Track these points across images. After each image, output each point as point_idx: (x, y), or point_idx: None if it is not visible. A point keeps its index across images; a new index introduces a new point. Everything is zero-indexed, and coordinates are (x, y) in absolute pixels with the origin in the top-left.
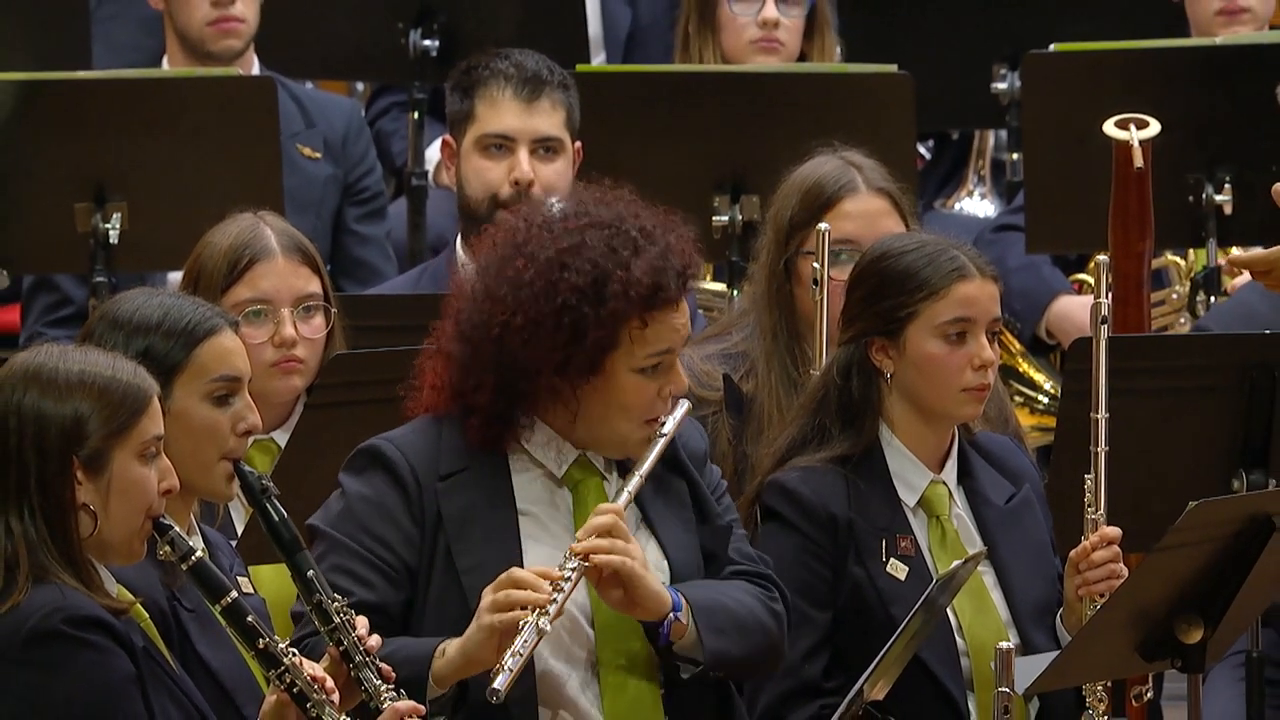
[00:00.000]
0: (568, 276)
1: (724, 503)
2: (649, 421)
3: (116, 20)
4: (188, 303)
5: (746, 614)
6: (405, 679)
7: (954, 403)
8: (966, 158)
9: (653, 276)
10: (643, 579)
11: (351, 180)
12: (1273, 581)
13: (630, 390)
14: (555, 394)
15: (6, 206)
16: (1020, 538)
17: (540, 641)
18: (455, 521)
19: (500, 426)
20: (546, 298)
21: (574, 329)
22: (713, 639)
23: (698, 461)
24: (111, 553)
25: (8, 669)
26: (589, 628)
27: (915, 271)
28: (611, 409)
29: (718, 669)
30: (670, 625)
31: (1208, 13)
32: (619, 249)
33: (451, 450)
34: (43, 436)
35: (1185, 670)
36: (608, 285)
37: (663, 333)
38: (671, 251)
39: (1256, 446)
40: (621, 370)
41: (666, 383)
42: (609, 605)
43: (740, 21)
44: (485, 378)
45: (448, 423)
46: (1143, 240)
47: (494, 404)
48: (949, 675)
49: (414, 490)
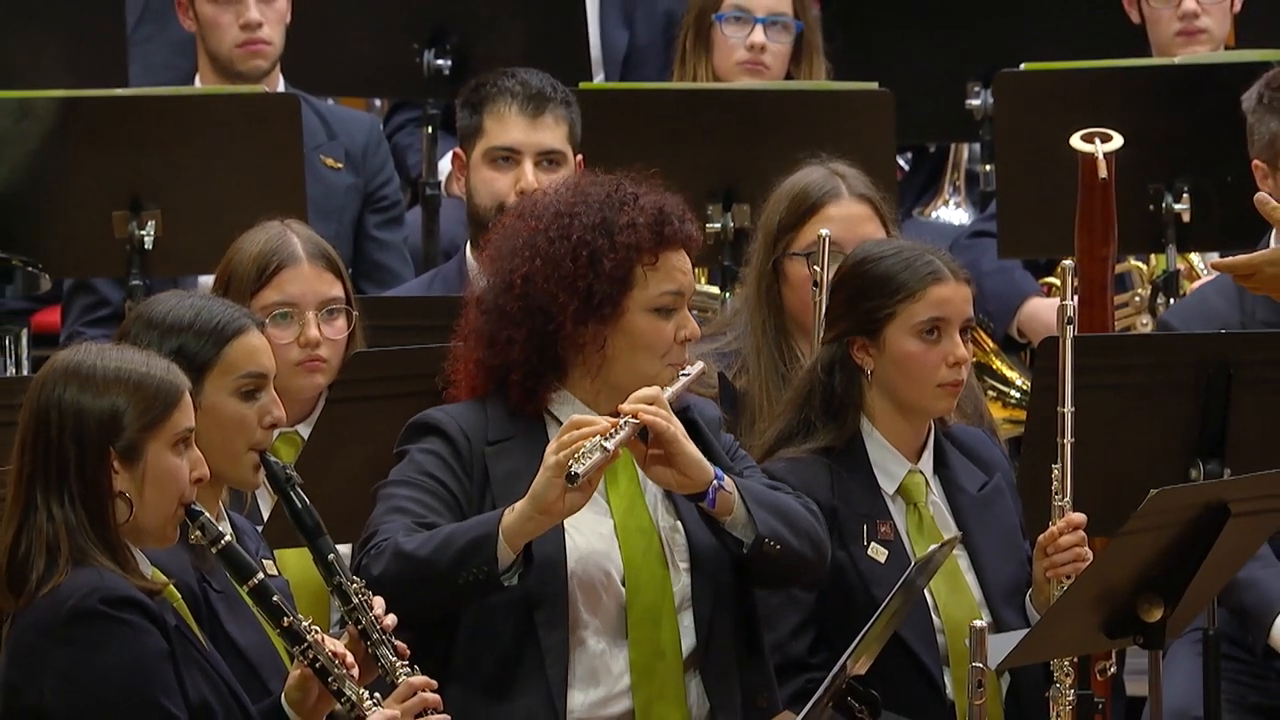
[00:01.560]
0: (578, 219)
1: (739, 455)
2: (672, 365)
3: (152, 42)
4: (217, 304)
5: (787, 502)
6: (475, 539)
7: (930, 397)
8: (942, 169)
9: (657, 214)
10: (684, 444)
11: (371, 190)
12: (1228, 564)
13: (649, 331)
14: (578, 349)
15: (48, 214)
16: (992, 523)
17: (607, 460)
18: (501, 482)
19: (536, 381)
20: (561, 239)
21: (590, 260)
22: (761, 513)
23: (713, 427)
24: (146, 537)
25: (49, 646)
26: (621, 585)
27: (894, 275)
28: (636, 351)
29: (773, 539)
30: (716, 493)
31: (1167, 34)
32: (619, 198)
33: (497, 421)
34: (82, 429)
35: (1146, 647)
36: (617, 220)
37: (672, 272)
38: (668, 202)
39: (1213, 438)
40: (637, 310)
41: (681, 325)
42: (654, 478)
43: (730, 43)
44: (516, 332)
45: (490, 400)
46: (1106, 246)
47: (528, 357)
48: (926, 652)
49: (466, 451)
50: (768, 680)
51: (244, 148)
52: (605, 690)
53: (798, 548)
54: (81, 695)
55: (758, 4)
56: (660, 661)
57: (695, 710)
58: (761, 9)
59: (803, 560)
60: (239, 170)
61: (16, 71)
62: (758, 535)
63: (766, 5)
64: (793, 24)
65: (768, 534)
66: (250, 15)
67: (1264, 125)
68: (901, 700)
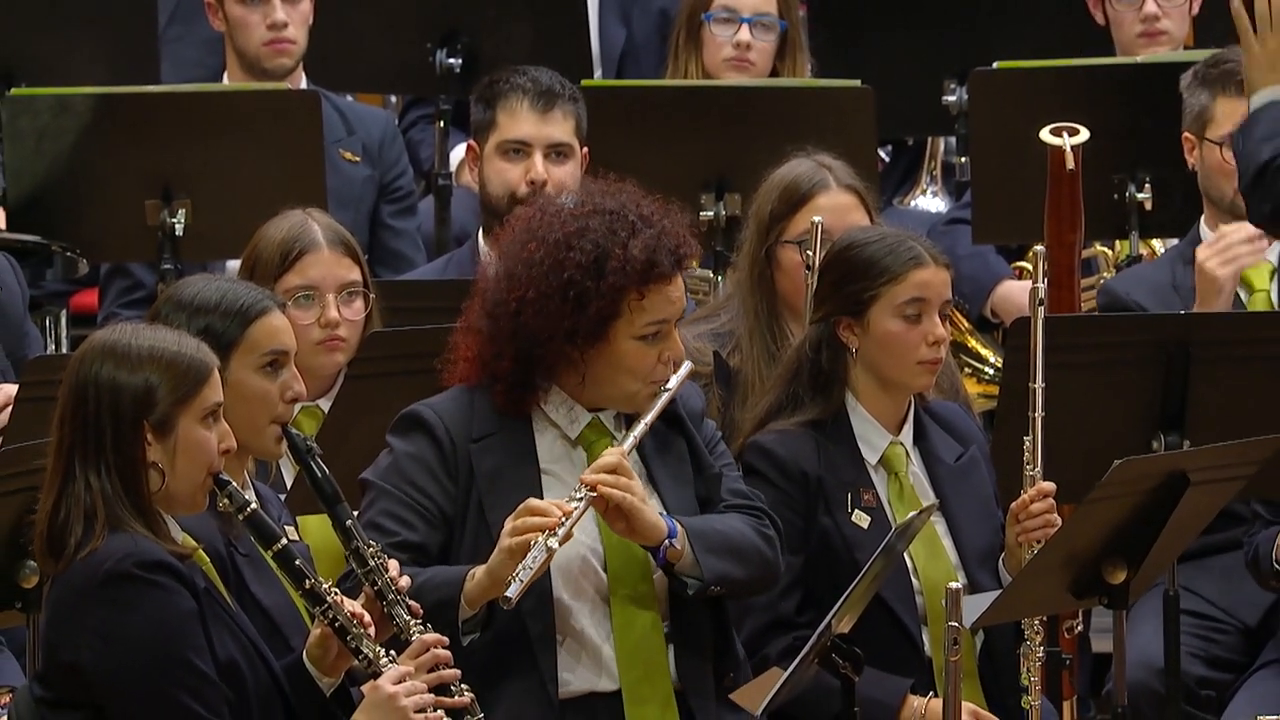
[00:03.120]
0: (573, 255)
1: (719, 450)
2: (653, 382)
3: (182, 41)
4: (241, 286)
5: (739, 536)
6: (441, 600)
7: (910, 374)
8: (921, 161)
9: (648, 254)
10: (641, 510)
11: (386, 181)
12: (1187, 529)
13: (632, 355)
14: (567, 360)
15: (85, 203)
16: (968, 492)
17: (549, 560)
18: (486, 478)
19: (521, 391)
20: (554, 274)
21: (578, 300)
22: (708, 558)
23: (695, 418)
24: (177, 504)
25: (86, 606)
26: (602, 570)
27: (877, 260)
28: (618, 372)
29: (717, 584)
30: (666, 549)
31: (1130, 35)
32: (618, 231)
33: (483, 416)
34: (118, 403)
35: (1111, 606)
36: (608, 262)
37: (659, 304)
38: (666, 234)
39: (1173, 412)
40: (623, 337)
41: (665, 349)
42: (614, 533)
43: (718, 41)
44: (506, 348)
45: (479, 392)
46: (1074, 232)
47: (514, 371)
48: (906, 611)
49: (450, 450)
50: (736, 661)
51: (268, 141)
52: (594, 670)
53: (743, 580)
54: (116, 652)
55: (744, 4)
56: (644, 641)
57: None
58: (747, 9)
59: (749, 587)
60: (264, 162)
61: (56, 69)
62: (704, 581)
63: (752, 5)
64: (777, 23)
65: (713, 580)
66: (277, 16)
67: (1195, 98)
68: (882, 657)
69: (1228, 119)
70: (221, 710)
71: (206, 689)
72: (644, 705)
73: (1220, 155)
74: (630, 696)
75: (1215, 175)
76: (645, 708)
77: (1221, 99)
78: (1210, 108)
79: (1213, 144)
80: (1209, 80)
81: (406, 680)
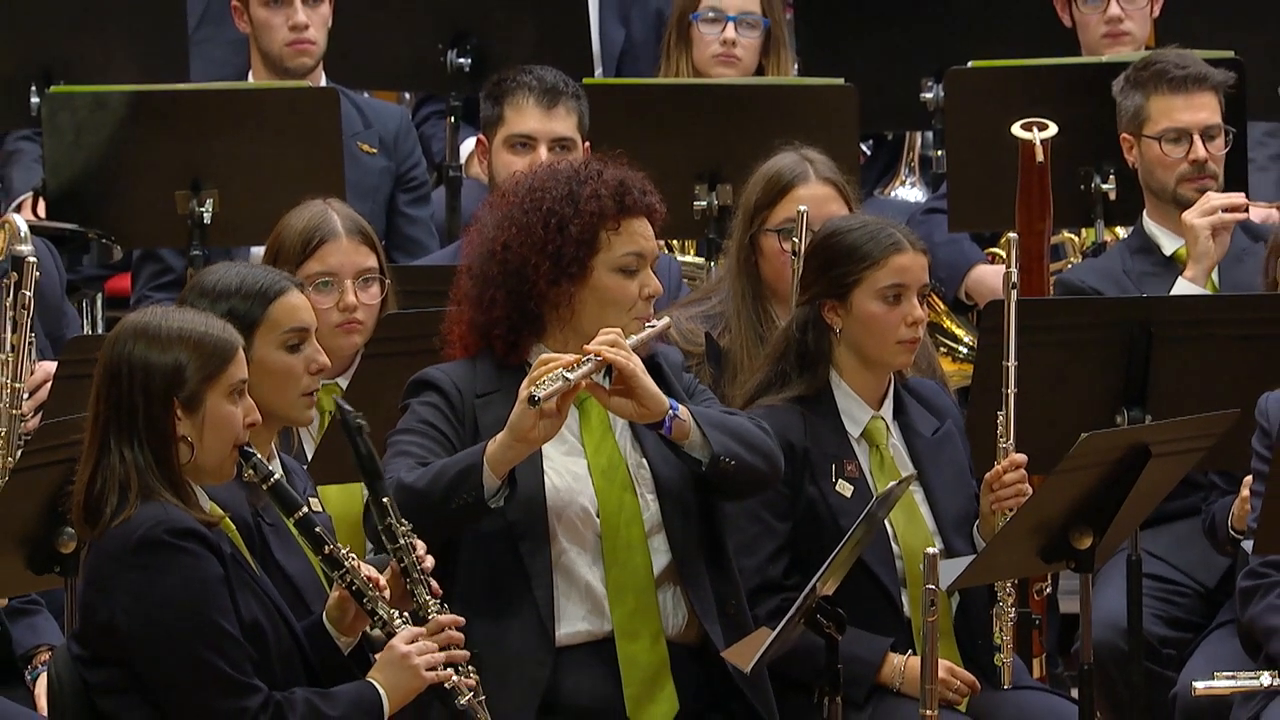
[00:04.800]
0: (548, 193)
1: (698, 391)
2: (637, 319)
3: (211, 42)
4: (260, 270)
5: (740, 423)
6: (462, 469)
7: (890, 353)
8: (900, 154)
9: (618, 185)
10: (641, 378)
11: (401, 172)
12: (1149, 498)
13: (614, 288)
14: (555, 305)
15: (119, 193)
16: (944, 463)
17: (567, 388)
18: (490, 430)
19: (517, 335)
20: (533, 210)
21: (559, 227)
22: (714, 433)
23: (675, 370)
24: (206, 475)
25: (120, 570)
26: (596, 516)
27: (859, 246)
28: (604, 306)
29: (727, 456)
30: (672, 420)
31: (1095, 36)
32: (588, 173)
33: (485, 376)
34: (149, 382)
35: (1078, 570)
36: (582, 191)
37: (634, 236)
38: (630, 178)
39: (1136, 389)
40: (603, 270)
41: (644, 283)
42: (614, 410)
43: (706, 39)
44: (497, 293)
45: (480, 358)
46: (1043, 221)
47: (508, 314)
48: (886, 574)
49: (458, 402)
50: (735, 588)
51: (290, 135)
52: (588, 610)
53: (751, 461)
54: (147, 613)
55: (729, 4)
56: (634, 581)
57: (669, 622)
58: (732, 8)
59: (757, 472)
60: (286, 155)
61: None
62: (713, 454)
63: (737, 4)
64: (760, 21)
65: (722, 452)
66: (298, 18)
67: (1129, 100)
68: (864, 617)
69: (1163, 115)
70: (245, 668)
71: (231, 648)
72: (634, 641)
73: (1159, 149)
74: (621, 632)
75: (1155, 168)
76: (636, 644)
77: (1154, 97)
78: (1145, 106)
79: (1150, 140)
80: (1140, 82)
81: (419, 640)
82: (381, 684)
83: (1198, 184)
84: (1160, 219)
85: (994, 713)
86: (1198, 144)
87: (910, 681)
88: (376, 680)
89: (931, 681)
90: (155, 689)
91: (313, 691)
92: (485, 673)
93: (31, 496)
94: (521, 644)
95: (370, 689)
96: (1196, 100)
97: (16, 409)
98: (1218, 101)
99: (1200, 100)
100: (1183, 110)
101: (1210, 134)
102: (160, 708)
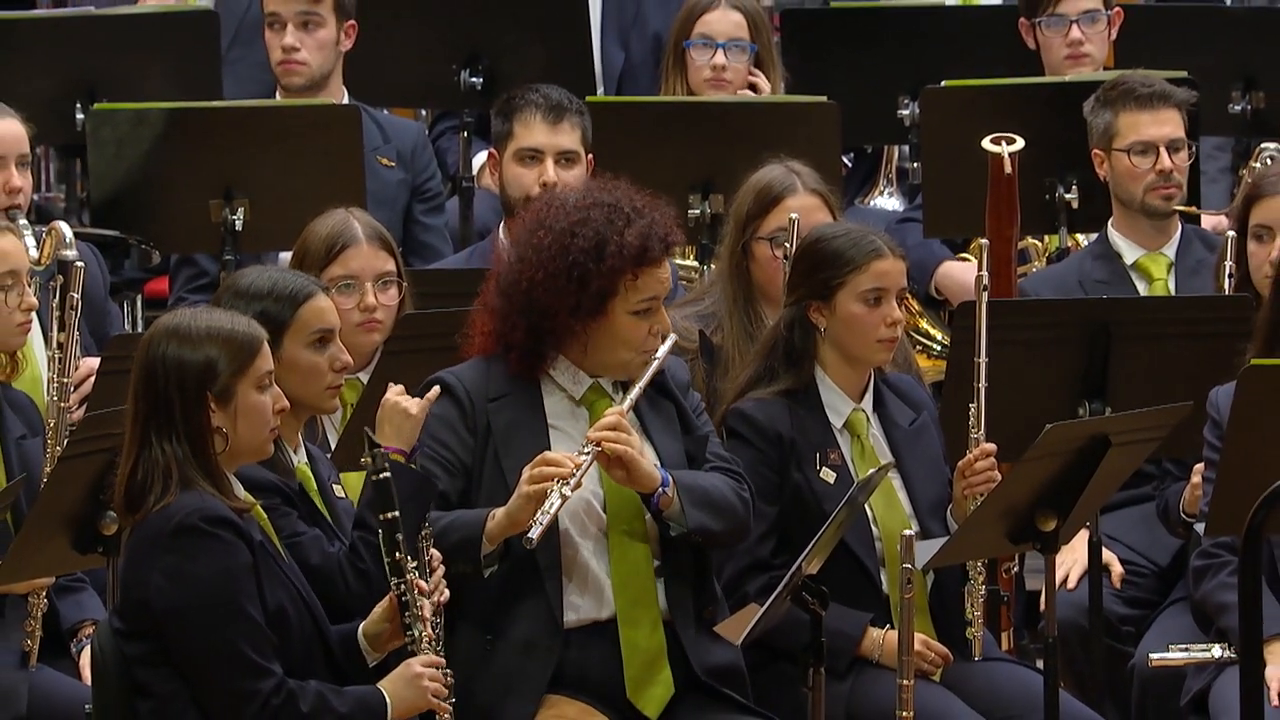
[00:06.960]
0: (576, 241)
1: (702, 419)
2: (644, 351)
3: (242, 62)
4: (289, 274)
5: (719, 495)
6: (465, 539)
7: (871, 351)
8: (879, 166)
9: (641, 241)
10: (638, 461)
11: (418, 183)
12: (1108, 484)
13: (628, 328)
14: (571, 332)
15: (158, 202)
16: (920, 452)
17: (563, 505)
18: (501, 433)
19: (532, 359)
20: (561, 258)
21: (581, 280)
22: (692, 510)
23: (681, 388)
24: (243, 459)
25: (158, 553)
26: (602, 511)
27: (843, 251)
28: (615, 342)
29: (698, 533)
30: (659, 497)
31: (1058, 57)
32: (615, 221)
33: (498, 380)
34: (184, 379)
35: (1043, 551)
36: (607, 248)
37: (650, 284)
38: (656, 224)
39: (1096, 383)
40: (619, 313)
41: (655, 323)
42: (615, 481)
43: (698, 64)
44: (519, 321)
45: (494, 360)
46: (1011, 228)
47: (526, 341)
48: (866, 555)
49: (469, 408)
50: (714, 596)
51: (315, 149)
52: (594, 598)
53: (717, 531)
54: (180, 593)
55: (719, 31)
56: (636, 571)
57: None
58: (722, 35)
59: (721, 539)
60: (311, 167)
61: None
62: (687, 529)
63: (726, 32)
64: (748, 46)
65: (695, 529)
66: (286, 40)
67: (1099, 118)
68: (846, 594)
69: (1131, 130)
70: (266, 652)
71: (254, 632)
72: (636, 628)
73: (1128, 161)
74: (624, 619)
75: (1124, 180)
76: (637, 630)
77: (1123, 114)
78: (1114, 123)
79: (1120, 153)
80: (1110, 100)
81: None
82: (390, 694)
83: (1164, 192)
84: (1125, 229)
85: (965, 682)
86: (1163, 156)
87: (888, 654)
88: (385, 689)
89: (908, 653)
90: (181, 664)
91: (325, 685)
92: (500, 653)
93: (77, 482)
94: (532, 628)
95: (378, 695)
96: (1162, 115)
97: (65, 402)
98: (1181, 117)
99: (1165, 115)
100: (1149, 125)
101: (1175, 146)
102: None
